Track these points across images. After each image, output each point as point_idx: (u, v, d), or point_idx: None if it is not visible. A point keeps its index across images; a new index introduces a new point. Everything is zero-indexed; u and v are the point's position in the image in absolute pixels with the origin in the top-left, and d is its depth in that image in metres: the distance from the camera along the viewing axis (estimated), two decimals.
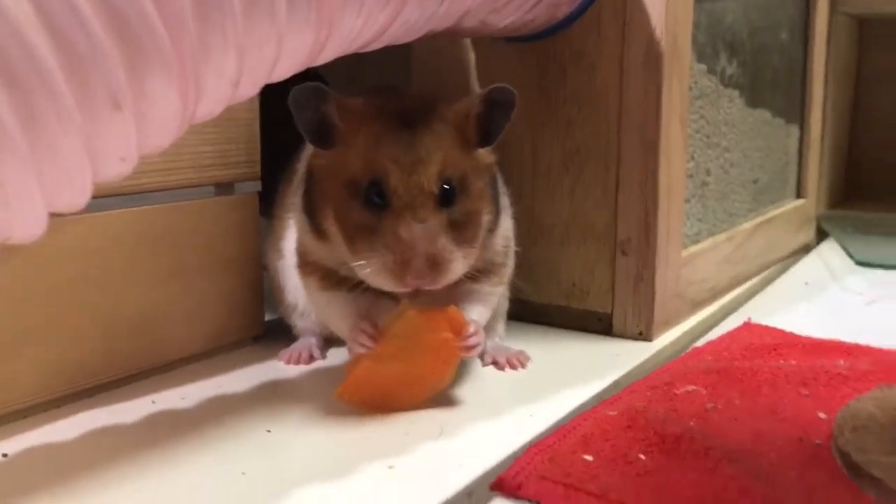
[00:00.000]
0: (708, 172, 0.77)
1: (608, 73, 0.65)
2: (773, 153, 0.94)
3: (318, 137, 0.51)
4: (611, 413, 0.49)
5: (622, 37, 0.64)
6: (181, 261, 0.60)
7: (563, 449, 0.45)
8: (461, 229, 0.50)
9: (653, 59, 0.63)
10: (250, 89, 0.41)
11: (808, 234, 1.07)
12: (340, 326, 0.55)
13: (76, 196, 0.36)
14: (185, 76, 0.35)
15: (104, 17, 0.31)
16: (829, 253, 1.04)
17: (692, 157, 0.73)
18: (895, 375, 0.56)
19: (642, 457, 0.44)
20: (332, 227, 0.52)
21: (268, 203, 0.67)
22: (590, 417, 0.49)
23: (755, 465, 0.43)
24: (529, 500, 0.41)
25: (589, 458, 0.44)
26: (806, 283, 0.88)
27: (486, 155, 0.53)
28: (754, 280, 0.88)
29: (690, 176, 0.73)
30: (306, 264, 0.57)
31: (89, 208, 0.53)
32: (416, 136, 0.50)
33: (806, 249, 1.05)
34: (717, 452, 0.43)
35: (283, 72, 0.42)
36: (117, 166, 0.37)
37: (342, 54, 0.47)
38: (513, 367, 0.60)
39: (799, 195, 1.04)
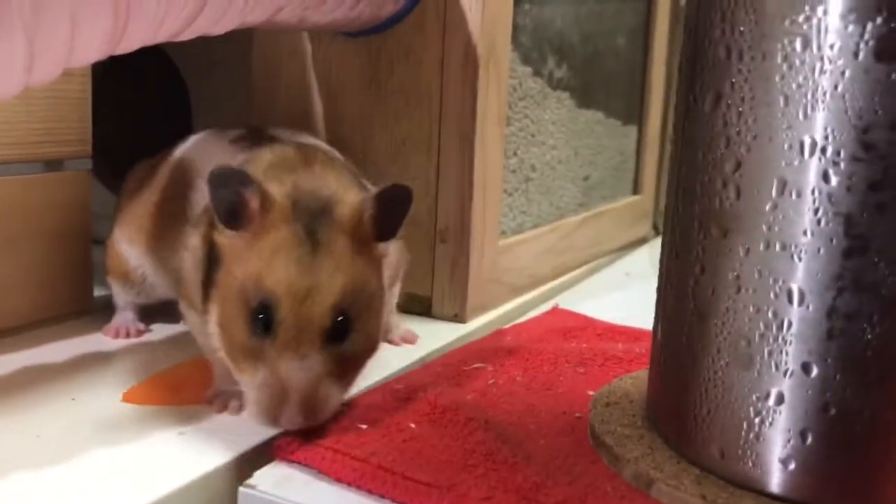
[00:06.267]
0: (533, 168, 0.82)
1: (431, 70, 0.69)
2: (607, 151, 1.00)
3: (229, 216, 0.46)
4: (397, 386, 0.54)
5: (443, 38, 0.68)
6: (6, 232, 0.61)
7: (344, 418, 0.49)
8: (348, 364, 0.47)
9: (470, 60, 0.68)
10: (45, 75, 0.43)
11: (644, 228, 1.14)
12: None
13: None
14: None
15: None
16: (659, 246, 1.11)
17: (515, 154, 0.78)
18: None
19: (413, 426, 0.48)
20: (213, 323, 0.48)
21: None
22: (378, 391, 0.53)
23: (510, 433, 0.48)
24: (300, 464, 0.45)
25: (364, 426, 0.48)
26: (627, 274, 0.94)
27: (383, 248, 0.50)
28: (582, 269, 0.94)
29: (513, 171, 0.78)
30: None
31: None
32: (315, 255, 0.45)
33: (643, 242, 1.12)
34: (476, 422, 0.48)
35: (82, 57, 0.45)
36: None
37: (151, 42, 0.50)
38: (408, 342, 0.65)
39: (636, 192, 1.12)
